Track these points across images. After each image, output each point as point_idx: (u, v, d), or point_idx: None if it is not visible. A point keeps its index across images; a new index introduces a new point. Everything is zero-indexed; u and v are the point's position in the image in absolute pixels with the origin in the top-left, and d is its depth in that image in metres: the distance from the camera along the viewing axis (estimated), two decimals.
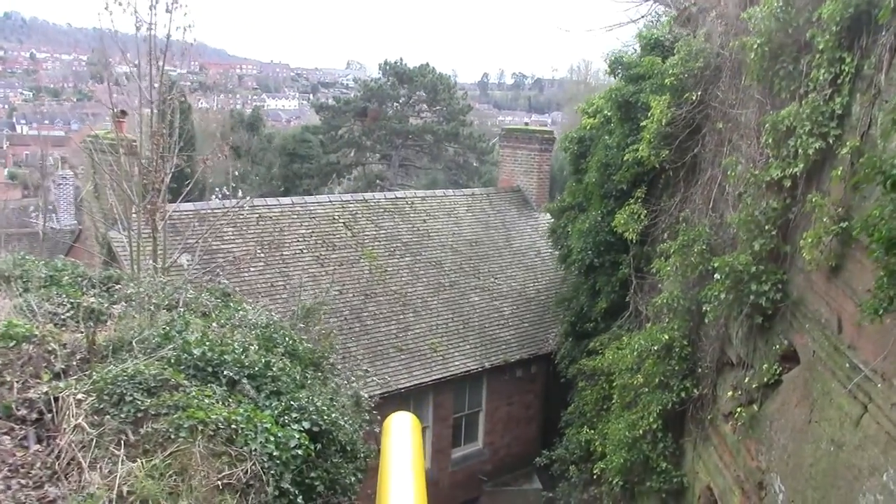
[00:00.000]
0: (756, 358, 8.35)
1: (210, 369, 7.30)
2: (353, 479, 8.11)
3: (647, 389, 10.07)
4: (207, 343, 7.47)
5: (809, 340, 7.32)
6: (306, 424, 7.27)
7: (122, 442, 6.17)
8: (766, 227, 7.95)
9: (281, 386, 7.66)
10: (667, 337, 9.68)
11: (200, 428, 6.34)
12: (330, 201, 18.14)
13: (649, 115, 10.60)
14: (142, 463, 5.97)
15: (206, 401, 6.70)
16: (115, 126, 13.58)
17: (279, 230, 16.39)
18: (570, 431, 14.60)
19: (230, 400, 7.02)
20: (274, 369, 7.73)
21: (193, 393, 6.75)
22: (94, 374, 6.86)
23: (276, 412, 7.22)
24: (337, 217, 17.64)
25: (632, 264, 11.99)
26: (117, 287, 10.20)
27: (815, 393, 7.09)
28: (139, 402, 6.43)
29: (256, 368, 7.58)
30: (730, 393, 8.55)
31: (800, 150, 7.48)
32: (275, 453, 6.58)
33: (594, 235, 12.76)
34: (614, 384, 11.67)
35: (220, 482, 6.13)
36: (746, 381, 8.30)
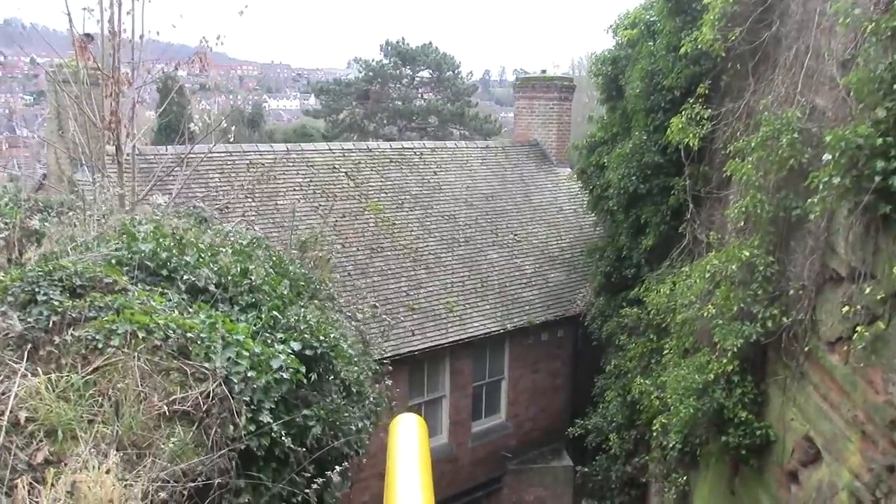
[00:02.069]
0: (879, 262, 6.43)
1: (165, 273, 5.42)
2: (360, 425, 6.23)
3: (720, 322, 8.17)
4: (162, 239, 5.58)
5: None
6: (296, 345, 5.38)
7: (28, 354, 4.31)
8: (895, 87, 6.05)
9: (262, 299, 5.77)
10: (747, 254, 7.78)
11: (142, 336, 4.45)
12: (330, 149, 16.27)
13: None
14: (51, 380, 4.10)
15: (154, 304, 4.83)
16: (78, 51, 11.73)
17: (273, 178, 14.53)
18: (611, 394, 12.71)
19: (190, 310, 5.15)
20: (253, 277, 5.84)
21: (135, 293, 4.88)
22: None
23: (254, 327, 5.34)
24: (338, 166, 15.78)
25: (688, 185, 10.07)
26: (70, 213, 8.37)
27: None
28: (56, 304, 4.55)
29: (230, 276, 5.70)
30: (844, 309, 6.64)
31: None
32: (250, 374, 4.69)
33: (639, 158, 10.84)
34: (670, 326, 9.80)
35: (166, 407, 4.25)
36: (867, 293, 6.39)
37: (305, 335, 5.53)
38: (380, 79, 51.86)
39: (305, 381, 5.35)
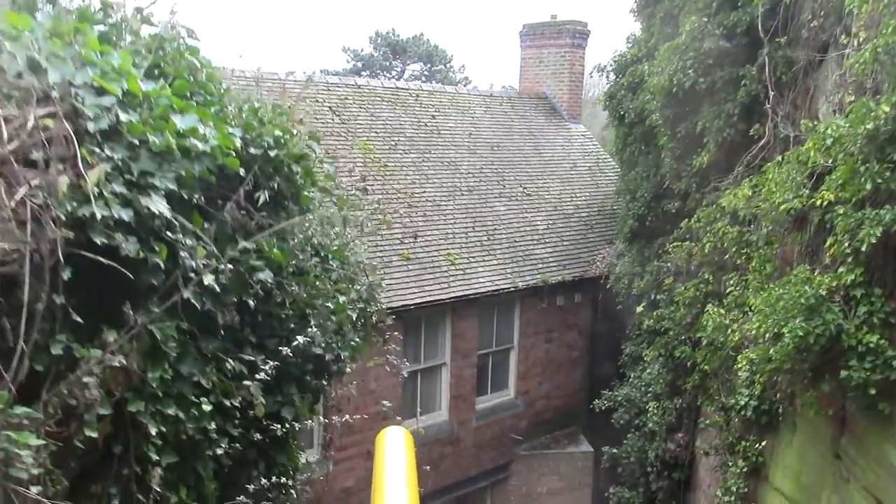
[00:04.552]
0: None
1: None
2: (342, 300, 3.93)
3: (841, 211, 5.95)
4: None
5: None
6: (236, 132, 3.10)
7: None
8: None
9: (180, 71, 3.47)
10: (887, 109, 5.57)
11: None
12: (313, 81, 14.02)
13: None
14: None
15: None
16: None
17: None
18: (650, 354, 10.46)
19: None
20: (165, 50, 3.54)
21: None
22: None
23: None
24: (322, 100, 13.53)
25: (767, 68, 7.88)
26: None
27: None
28: None
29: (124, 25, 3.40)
30: None
31: None
32: (125, 118, 2.40)
33: (696, 47, 8.63)
34: (751, 243, 7.62)
35: None
36: None
37: (251, 122, 3.25)
38: (368, 70, 49.89)
39: (249, 194, 3.06)
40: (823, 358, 6.29)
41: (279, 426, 3.47)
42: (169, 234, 2.51)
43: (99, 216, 2.22)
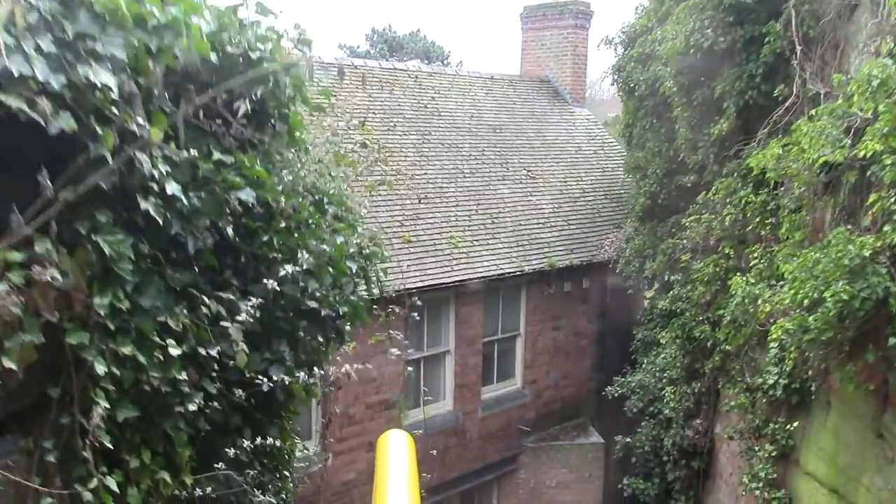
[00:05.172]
0: None
1: None
2: (338, 241, 3.40)
3: (889, 161, 5.41)
4: None
5: None
6: (207, 25, 2.55)
7: None
8: None
9: None
10: None
11: None
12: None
13: None
14: None
15: None
16: None
17: None
18: (667, 336, 9.93)
19: None
20: None
21: None
22: None
23: None
24: (316, 81, 12.96)
25: (794, 22, 7.36)
26: None
27: None
28: None
29: None
30: None
31: None
32: None
33: (715, 4, 8.11)
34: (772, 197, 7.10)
35: None
36: None
37: (230, 17, 2.71)
38: None
39: (227, 102, 2.52)
40: (865, 326, 5.76)
41: (265, 380, 2.93)
42: (115, 112, 1.98)
43: (16, 73, 1.70)
